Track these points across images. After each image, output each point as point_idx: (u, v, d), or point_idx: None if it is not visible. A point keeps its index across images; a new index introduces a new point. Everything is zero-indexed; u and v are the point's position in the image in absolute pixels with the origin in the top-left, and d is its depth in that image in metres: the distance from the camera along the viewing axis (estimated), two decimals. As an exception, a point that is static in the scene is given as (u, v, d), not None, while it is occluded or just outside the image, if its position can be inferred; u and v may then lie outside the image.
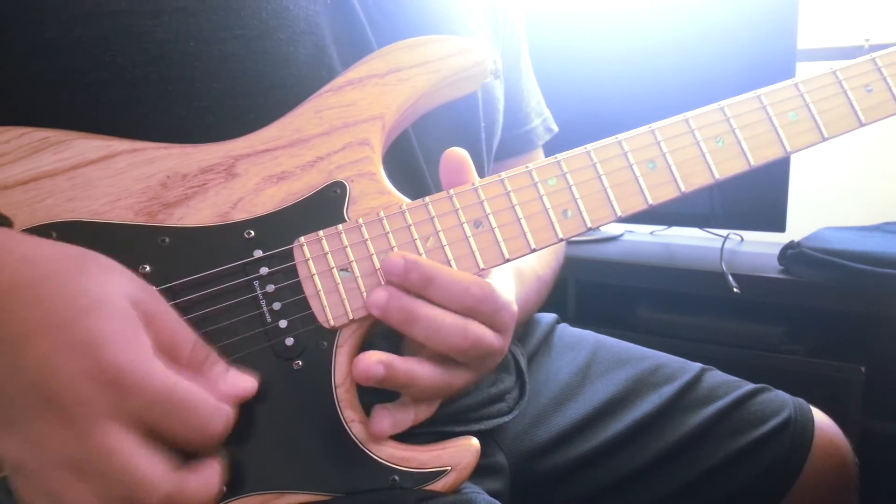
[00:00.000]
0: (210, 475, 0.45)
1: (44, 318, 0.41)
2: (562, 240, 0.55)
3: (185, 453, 0.44)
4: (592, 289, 1.57)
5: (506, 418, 0.73)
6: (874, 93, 0.59)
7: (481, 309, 0.52)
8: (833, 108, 0.59)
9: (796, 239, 1.41)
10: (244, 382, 0.48)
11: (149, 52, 0.52)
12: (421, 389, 0.52)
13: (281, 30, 0.55)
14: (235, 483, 0.49)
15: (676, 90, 1.53)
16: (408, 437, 0.54)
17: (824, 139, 0.58)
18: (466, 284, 0.51)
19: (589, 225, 0.55)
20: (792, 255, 1.38)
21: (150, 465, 0.41)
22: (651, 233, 1.87)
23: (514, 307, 0.55)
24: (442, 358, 0.52)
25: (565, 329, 0.91)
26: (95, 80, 0.52)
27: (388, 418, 0.52)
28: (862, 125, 0.59)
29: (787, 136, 0.58)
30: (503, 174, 0.55)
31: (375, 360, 0.50)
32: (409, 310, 0.50)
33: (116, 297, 0.43)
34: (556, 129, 0.89)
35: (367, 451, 0.52)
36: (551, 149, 0.69)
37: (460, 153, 0.55)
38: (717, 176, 0.57)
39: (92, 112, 0.53)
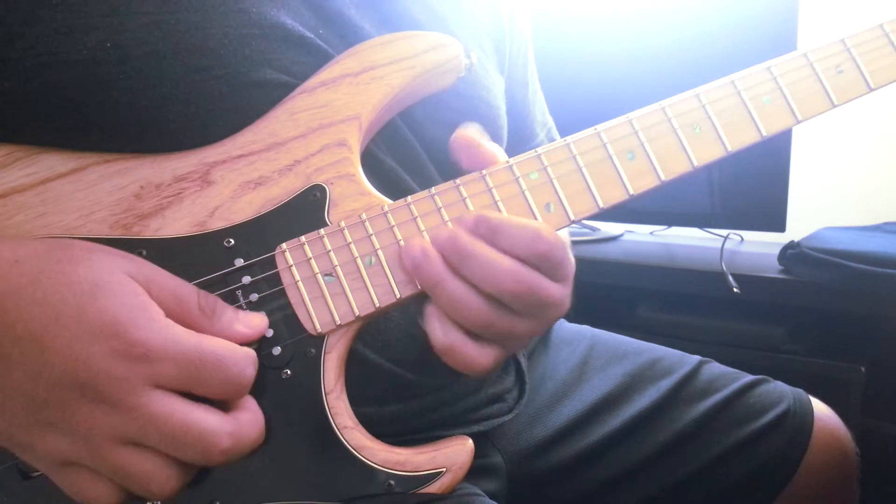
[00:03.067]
0: (256, 411, 0.47)
1: (52, 313, 0.42)
2: None
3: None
4: (592, 289, 1.54)
5: (506, 418, 0.73)
6: (844, 73, 0.60)
7: (553, 255, 0.50)
8: (805, 91, 0.59)
9: (796, 239, 1.40)
10: (256, 319, 0.49)
11: (117, 100, 0.49)
12: (468, 317, 0.50)
13: (269, 63, 0.53)
14: (229, 495, 0.49)
15: (676, 91, 1.52)
16: (405, 441, 0.53)
17: (798, 121, 0.58)
18: (536, 228, 0.50)
19: (572, 218, 0.55)
20: (792, 255, 1.37)
21: (206, 416, 0.44)
22: (651, 233, 1.86)
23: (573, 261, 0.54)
24: (496, 301, 0.50)
25: (562, 324, 0.91)
26: (61, 126, 0.50)
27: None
28: (834, 106, 0.59)
29: (762, 119, 0.58)
30: (484, 171, 0.54)
31: (419, 246, 0.50)
32: (464, 248, 0.50)
33: (114, 273, 0.44)
34: (558, 138, 0.88)
35: (360, 457, 0.51)
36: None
37: (465, 134, 0.55)
38: (696, 163, 0.57)
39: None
